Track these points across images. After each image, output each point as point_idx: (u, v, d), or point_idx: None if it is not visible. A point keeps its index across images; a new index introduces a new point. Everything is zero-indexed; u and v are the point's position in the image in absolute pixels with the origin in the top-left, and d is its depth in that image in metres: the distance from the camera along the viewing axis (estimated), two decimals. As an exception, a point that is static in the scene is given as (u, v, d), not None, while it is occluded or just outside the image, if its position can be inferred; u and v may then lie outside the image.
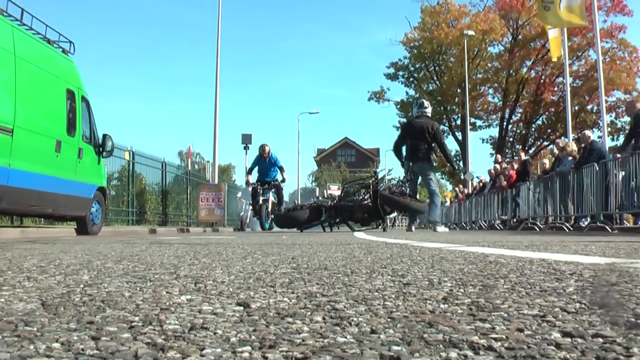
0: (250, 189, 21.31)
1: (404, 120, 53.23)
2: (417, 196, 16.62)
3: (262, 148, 20.84)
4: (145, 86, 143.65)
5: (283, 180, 21.03)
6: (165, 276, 2.77)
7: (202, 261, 3.84)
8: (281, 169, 21.02)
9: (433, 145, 15.56)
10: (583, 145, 17.23)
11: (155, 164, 24.36)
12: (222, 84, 29.16)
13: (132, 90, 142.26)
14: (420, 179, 16.01)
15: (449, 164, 20.49)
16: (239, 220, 25.63)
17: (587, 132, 17.66)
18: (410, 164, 15.47)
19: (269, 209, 20.33)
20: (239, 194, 27.74)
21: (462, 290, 2.15)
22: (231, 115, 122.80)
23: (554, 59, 28.41)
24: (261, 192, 20.40)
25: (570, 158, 17.83)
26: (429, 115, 15.73)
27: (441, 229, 15.70)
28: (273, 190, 20.81)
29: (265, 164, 20.82)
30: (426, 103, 15.94)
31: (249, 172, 21.36)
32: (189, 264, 3.59)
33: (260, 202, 20.26)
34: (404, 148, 15.73)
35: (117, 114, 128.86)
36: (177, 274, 2.86)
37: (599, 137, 22.68)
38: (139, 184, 22.84)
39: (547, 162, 22.62)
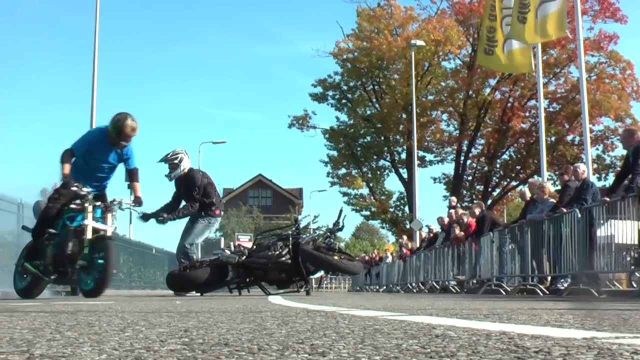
0: (56, 192, 13.00)
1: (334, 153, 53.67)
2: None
3: (123, 120, 12.45)
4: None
5: (137, 202, 13.29)
6: (14, 356, 2.73)
7: (66, 335, 3.78)
8: (133, 175, 13.42)
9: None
10: (570, 182, 16.85)
11: (7, 207, 23.90)
12: (99, 102, 28.76)
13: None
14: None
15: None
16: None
17: (582, 166, 17.35)
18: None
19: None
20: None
21: (396, 372, 2.18)
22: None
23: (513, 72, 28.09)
24: (89, 207, 12.28)
25: (551, 201, 17.64)
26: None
27: None
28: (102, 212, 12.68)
29: (110, 155, 12.96)
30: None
31: (68, 157, 12.56)
32: (48, 339, 3.54)
33: (85, 227, 12.21)
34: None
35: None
36: (30, 354, 2.82)
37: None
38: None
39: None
